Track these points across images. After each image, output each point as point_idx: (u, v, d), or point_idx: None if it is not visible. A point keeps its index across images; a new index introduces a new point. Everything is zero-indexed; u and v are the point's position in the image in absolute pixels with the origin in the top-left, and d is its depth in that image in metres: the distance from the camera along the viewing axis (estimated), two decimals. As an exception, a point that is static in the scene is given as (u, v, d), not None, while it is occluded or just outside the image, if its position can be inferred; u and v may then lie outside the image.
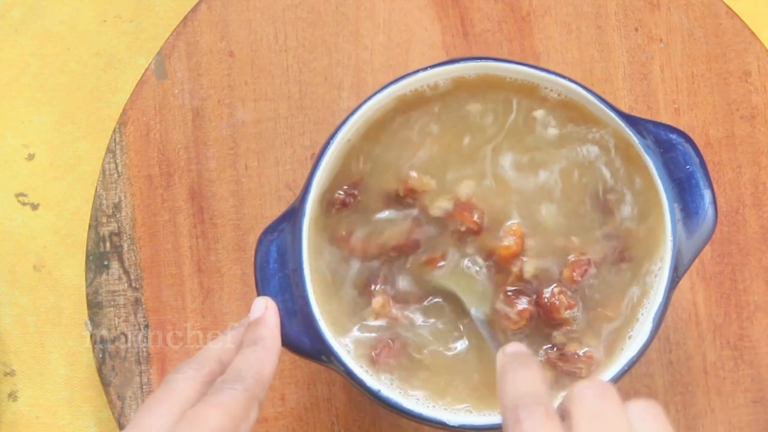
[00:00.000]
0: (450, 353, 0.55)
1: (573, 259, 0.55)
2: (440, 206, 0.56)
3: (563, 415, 0.46)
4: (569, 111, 0.56)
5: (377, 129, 0.56)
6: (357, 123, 0.55)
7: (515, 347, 0.50)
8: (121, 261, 0.66)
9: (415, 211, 0.56)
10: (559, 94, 0.56)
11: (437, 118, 0.57)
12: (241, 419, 0.47)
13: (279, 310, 0.53)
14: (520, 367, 0.48)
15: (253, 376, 0.49)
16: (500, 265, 0.55)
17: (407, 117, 0.56)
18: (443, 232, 0.56)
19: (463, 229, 0.55)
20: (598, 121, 0.56)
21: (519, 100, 0.57)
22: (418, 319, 0.56)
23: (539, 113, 0.56)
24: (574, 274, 0.55)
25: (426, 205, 0.56)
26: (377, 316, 0.55)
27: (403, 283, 0.56)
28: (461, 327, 0.56)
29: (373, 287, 0.56)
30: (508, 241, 0.55)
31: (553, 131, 0.56)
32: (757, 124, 0.67)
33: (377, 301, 0.55)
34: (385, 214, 0.56)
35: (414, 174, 0.56)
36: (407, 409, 0.53)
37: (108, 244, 0.66)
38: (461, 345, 0.55)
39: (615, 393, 0.46)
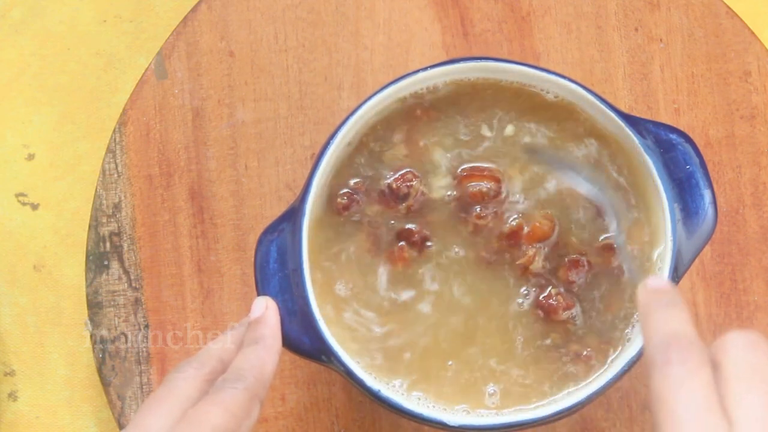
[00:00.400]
0: (450, 350, 0.55)
1: (569, 259, 0.55)
2: (442, 184, 0.56)
3: (713, 364, 0.42)
4: (562, 114, 0.56)
5: (376, 129, 0.56)
6: (357, 123, 0.55)
7: (658, 281, 0.47)
8: (121, 261, 0.65)
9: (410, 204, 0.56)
10: (556, 96, 0.56)
11: (431, 128, 0.57)
12: (242, 418, 0.47)
13: (279, 309, 0.53)
14: (669, 305, 0.45)
15: (255, 375, 0.49)
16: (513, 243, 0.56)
17: (403, 123, 0.56)
18: (453, 216, 0.56)
19: (481, 187, 0.55)
20: (593, 123, 0.56)
21: (511, 115, 0.57)
22: (418, 318, 0.56)
23: (509, 129, 0.56)
24: (570, 274, 0.55)
25: (426, 184, 0.56)
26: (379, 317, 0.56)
27: (410, 282, 0.56)
28: (461, 325, 0.56)
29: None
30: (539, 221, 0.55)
31: (543, 141, 0.56)
32: (757, 124, 0.67)
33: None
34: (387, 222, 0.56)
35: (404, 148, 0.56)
36: (407, 409, 0.53)
37: (108, 244, 0.66)
38: (462, 344, 0.55)
39: None
